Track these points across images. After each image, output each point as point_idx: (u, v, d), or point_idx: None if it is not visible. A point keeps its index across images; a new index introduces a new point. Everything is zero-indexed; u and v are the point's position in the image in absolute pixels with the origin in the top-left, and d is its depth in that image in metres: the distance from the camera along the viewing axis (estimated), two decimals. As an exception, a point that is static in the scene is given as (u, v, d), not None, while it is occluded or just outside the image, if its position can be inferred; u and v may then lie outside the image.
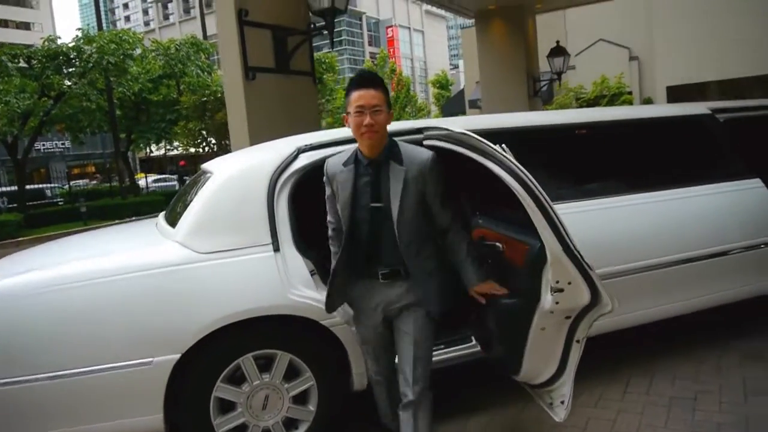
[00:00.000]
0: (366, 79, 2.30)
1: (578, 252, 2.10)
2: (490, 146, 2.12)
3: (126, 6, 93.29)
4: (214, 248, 2.71)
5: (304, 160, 2.95)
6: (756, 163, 3.92)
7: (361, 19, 77.27)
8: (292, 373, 2.80)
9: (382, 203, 2.29)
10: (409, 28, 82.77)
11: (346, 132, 3.14)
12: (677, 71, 22.30)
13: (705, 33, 20.80)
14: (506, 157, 2.09)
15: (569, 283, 2.16)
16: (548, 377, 2.50)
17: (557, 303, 2.21)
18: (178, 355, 2.56)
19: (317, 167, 2.94)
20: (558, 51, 12.48)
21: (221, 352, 2.67)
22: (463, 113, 24.87)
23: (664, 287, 3.45)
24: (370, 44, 76.41)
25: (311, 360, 2.79)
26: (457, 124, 2.86)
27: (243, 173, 2.97)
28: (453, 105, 28.61)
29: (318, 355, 2.82)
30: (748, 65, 20.41)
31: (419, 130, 2.93)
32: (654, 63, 23.54)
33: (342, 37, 71.66)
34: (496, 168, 2.15)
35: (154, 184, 28.54)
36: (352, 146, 2.41)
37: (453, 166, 2.69)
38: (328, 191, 2.43)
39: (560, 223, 2.08)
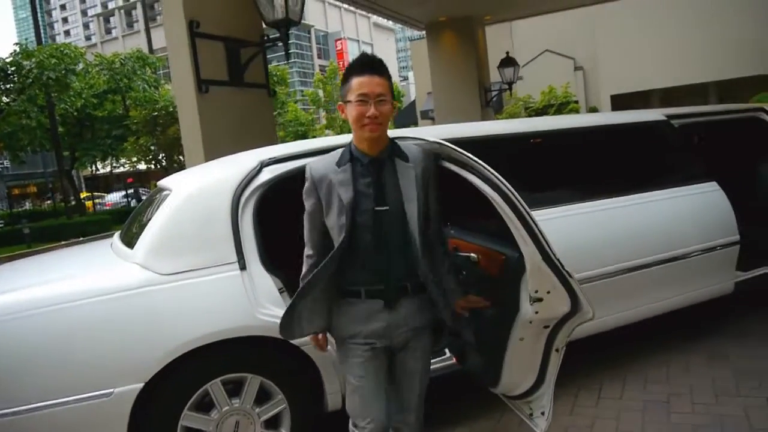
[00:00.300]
0: (369, 63, 1.99)
1: (558, 260, 2.07)
2: (467, 156, 2.07)
3: (65, 20, 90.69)
4: (176, 269, 2.57)
5: (267, 174, 2.84)
6: (711, 167, 4.03)
7: (309, 32, 77.17)
8: (263, 397, 2.67)
9: (389, 206, 1.98)
10: (358, 40, 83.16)
11: (310, 144, 3.07)
12: (620, 80, 23.10)
13: (646, 44, 21.64)
14: (484, 167, 2.05)
15: (548, 292, 2.12)
16: (527, 388, 2.46)
17: (537, 312, 2.17)
18: (141, 384, 2.41)
19: (282, 181, 2.86)
20: (508, 61, 12.68)
21: (188, 378, 2.53)
22: (416, 124, 25.04)
23: (625, 293, 3.47)
24: (319, 57, 76.35)
25: (283, 382, 2.68)
26: (424, 133, 2.82)
27: (204, 189, 2.84)
28: (405, 116, 28.77)
29: (290, 377, 2.71)
30: (686, 74, 21.32)
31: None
32: (598, 73, 24.30)
33: (291, 50, 71.23)
34: (473, 178, 2.10)
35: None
36: (336, 150, 2.10)
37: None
38: (311, 201, 2.04)
39: (540, 232, 2.05)
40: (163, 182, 3.31)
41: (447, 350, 3.02)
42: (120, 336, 2.42)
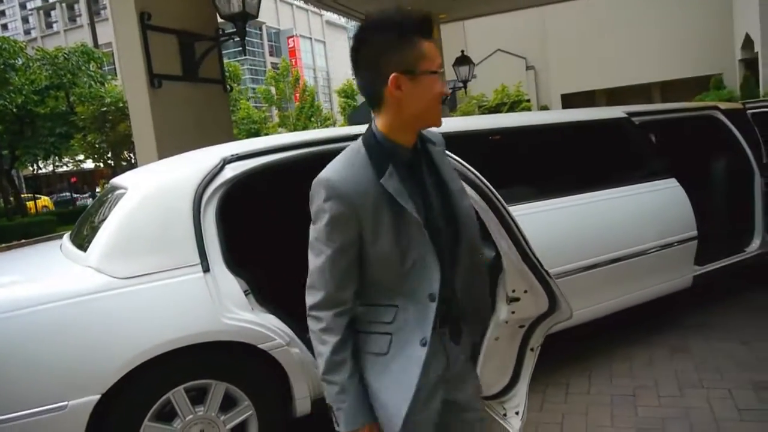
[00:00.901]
0: (432, 25, 1.42)
1: (536, 259, 2.03)
2: (443, 151, 2.01)
3: (2, 14, 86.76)
4: (134, 272, 2.42)
5: (230, 171, 2.72)
6: (670, 163, 4.11)
7: (261, 29, 76.07)
8: (228, 404, 2.55)
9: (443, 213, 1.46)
10: (311, 38, 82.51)
11: (274, 140, 2.95)
12: (570, 80, 23.68)
13: (594, 45, 22.23)
14: (459, 162, 1.99)
15: (525, 292, 2.08)
16: (501, 388, 2.42)
17: (513, 312, 2.13)
18: (97, 396, 2.25)
19: (246, 178, 2.74)
20: (463, 60, 12.79)
21: (148, 387, 2.39)
22: (369, 121, 24.94)
23: (586, 290, 3.49)
24: (271, 54, 75.29)
25: (249, 387, 2.56)
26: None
27: (164, 188, 2.69)
28: (359, 114, 28.59)
29: (256, 382, 2.59)
30: (631, 75, 22.01)
31: (356, 137, 2.78)
32: (549, 72, 24.83)
33: (245, 49, 70.00)
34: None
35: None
36: (352, 147, 1.45)
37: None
38: (349, 232, 1.35)
39: (518, 230, 2.00)
40: (116, 180, 3.14)
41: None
42: (74, 345, 2.26)
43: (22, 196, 24.19)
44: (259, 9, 5.71)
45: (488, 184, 2.00)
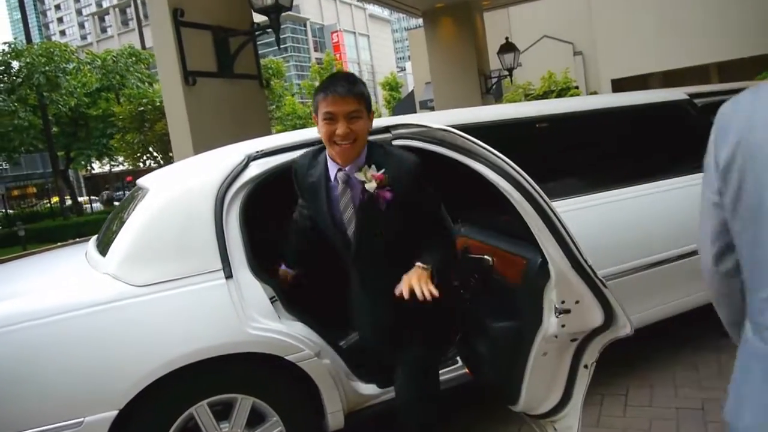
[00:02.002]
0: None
1: (590, 266, 1.76)
2: (477, 144, 1.77)
3: (60, 20, 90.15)
4: (153, 279, 2.27)
5: (255, 168, 2.55)
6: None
7: (305, 25, 76.65)
8: (255, 419, 2.38)
9: None
10: (354, 32, 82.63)
11: (301, 135, 2.77)
12: (620, 64, 22.74)
13: (644, 26, 21.27)
14: (498, 157, 1.74)
15: (577, 302, 1.82)
16: (552, 407, 2.17)
17: (563, 326, 1.87)
18: (115, 412, 2.11)
19: (272, 176, 2.57)
20: (508, 47, 12.34)
21: (169, 402, 2.24)
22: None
23: (647, 291, 3.17)
24: (315, 50, 75.83)
25: (277, 402, 2.38)
26: (428, 119, 2.52)
27: (184, 188, 2.54)
28: (403, 107, 28.40)
29: (285, 396, 2.42)
30: (686, 56, 20.96)
31: (386, 129, 2.57)
32: (597, 57, 23.93)
33: (287, 44, 70.71)
34: (484, 169, 1.79)
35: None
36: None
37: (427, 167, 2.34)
38: None
39: (567, 233, 1.74)
40: (142, 181, 3.01)
41: (459, 359, 2.74)
42: (89, 358, 2.12)
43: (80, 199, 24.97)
44: (293, 1, 5.54)
45: (530, 180, 1.74)
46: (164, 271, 2.30)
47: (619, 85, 22.86)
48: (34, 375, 2.07)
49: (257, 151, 2.60)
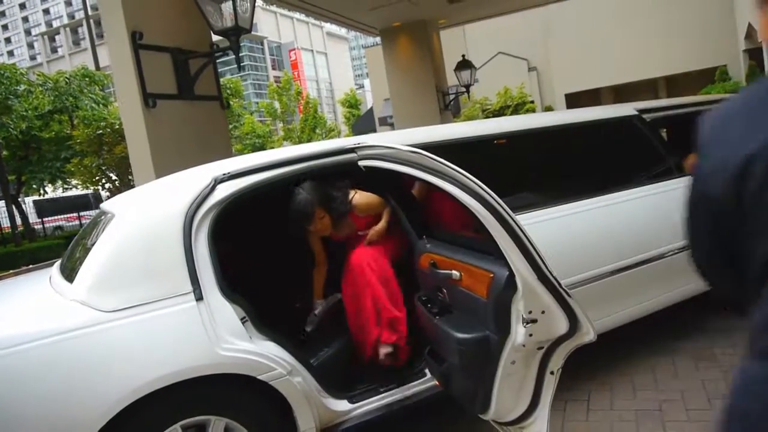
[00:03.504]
0: None
1: (554, 277, 1.86)
2: (445, 164, 1.85)
3: (8, 40, 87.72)
4: (122, 305, 2.27)
5: (223, 191, 2.58)
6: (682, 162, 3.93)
7: (262, 44, 76.49)
8: (228, 440, 2.39)
9: None
10: (312, 50, 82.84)
11: (269, 156, 2.81)
12: (573, 79, 23.46)
13: (596, 42, 22.03)
14: (465, 176, 1.83)
15: (543, 312, 1.91)
16: (520, 413, 2.25)
17: (531, 335, 1.96)
18: (86, 440, 2.10)
19: (239, 198, 2.60)
20: (465, 64, 12.63)
21: (142, 426, 2.23)
22: (374, 131, 24.89)
23: (603, 298, 3.31)
24: (273, 68, 75.71)
25: (251, 422, 2.40)
26: (390, 139, 2.61)
27: (151, 212, 2.54)
28: (363, 123, 28.57)
29: (258, 416, 2.43)
30: (636, 71, 21.78)
31: (351, 150, 2.64)
32: (551, 73, 24.63)
33: (244, 62, 70.34)
34: (453, 189, 1.87)
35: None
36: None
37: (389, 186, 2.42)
38: None
39: (533, 247, 1.83)
40: (106, 205, 3.00)
41: (427, 372, 2.80)
42: (59, 386, 2.10)
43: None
44: (252, 22, 5.58)
45: (494, 195, 1.83)
46: (134, 295, 2.30)
47: (573, 99, 23.55)
48: (4, 404, 2.04)
49: (224, 174, 2.63)
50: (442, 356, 2.48)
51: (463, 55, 12.85)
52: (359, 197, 3.10)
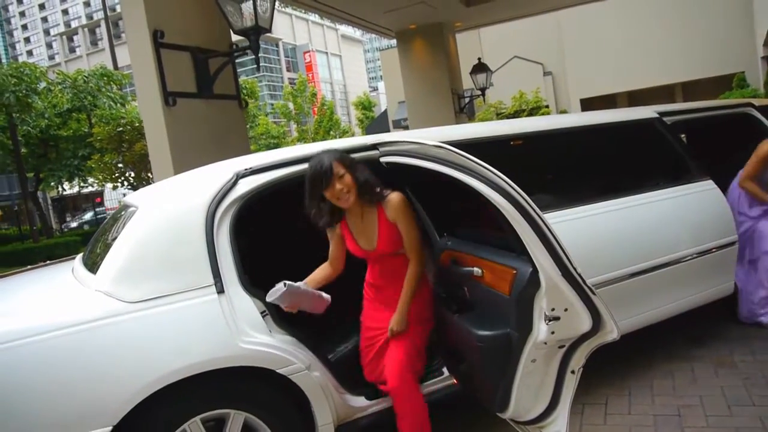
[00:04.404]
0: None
1: (579, 274, 1.85)
2: (472, 160, 1.85)
3: (28, 40, 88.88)
4: (144, 296, 2.30)
5: (244, 186, 2.60)
6: (705, 164, 3.90)
7: (277, 46, 76.85)
8: (247, 434, 2.41)
9: None
10: (327, 52, 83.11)
11: (288, 153, 2.83)
12: (589, 84, 23.35)
13: (612, 47, 21.92)
14: (490, 170, 1.83)
15: (566, 310, 1.90)
16: (540, 412, 2.24)
17: (553, 333, 1.95)
18: (108, 429, 2.12)
19: (261, 192, 2.62)
20: (480, 67, 12.61)
21: (162, 417, 2.25)
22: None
23: (622, 302, 3.27)
24: (288, 70, 76.00)
25: (269, 416, 2.41)
26: (420, 136, 2.61)
27: (175, 205, 2.57)
28: (377, 126, 28.61)
29: (277, 410, 2.44)
30: (652, 77, 21.63)
31: (373, 146, 2.65)
32: (567, 77, 24.53)
33: (260, 64, 70.65)
34: (478, 184, 1.87)
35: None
36: None
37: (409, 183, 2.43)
38: None
39: (558, 243, 1.83)
40: (128, 198, 3.04)
41: (445, 370, 2.80)
42: (82, 375, 2.13)
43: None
44: (272, 22, 5.61)
45: (521, 191, 1.83)
46: (156, 287, 2.32)
47: (588, 104, 23.43)
48: (27, 393, 2.07)
49: (246, 169, 2.66)
50: (460, 354, 2.48)
51: (479, 58, 12.83)
52: (396, 194, 2.58)
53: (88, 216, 32.09)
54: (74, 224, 30.41)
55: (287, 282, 2.43)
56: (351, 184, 2.45)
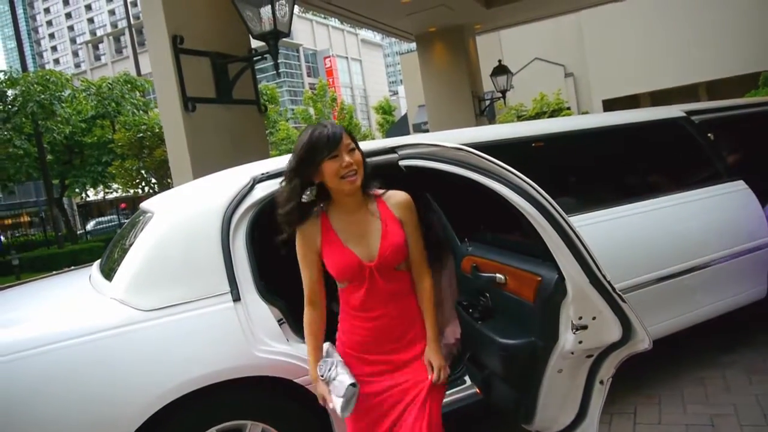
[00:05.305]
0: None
1: (608, 281, 1.76)
2: (494, 162, 1.78)
3: (54, 48, 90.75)
4: (160, 304, 2.26)
5: (261, 191, 2.55)
6: (736, 165, 3.77)
7: (298, 51, 77.36)
8: (264, 445, 2.36)
9: None
10: (347, 57, 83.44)
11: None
12: (610, 85, 23.08)
13: (634, 47, 21.64)
14: (515, 175, 1.75)
15: (594, 318, 1.81)
16: (566, 424, 2.15)
17: (580, 342, 1.86)
18: (122, 440, 2.09)
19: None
20: (501, 70, 12.49)
21: (177, 428, 2.21)
22: (409, 137, 24.82)
23: (653, 305, 3.17)
24: (308, 75, 76.44)
25: (287, 427, 2.36)
26: (441, 139, 2.54)
27: (190, 211, 2.54)
28: (397, 130, 28.63)
29: (294, 421, 2.39)
30: (675, 76, 21.29)
31: (392, 150, 2.59)
32: (588, 78, 24.27)
33: (280, 70, 71.18)
34: (501, 187, 1.80)
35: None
36: None
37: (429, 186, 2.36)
38: None
39: (586, 249, 1.74)
40: (146, 204, 3.01)
41: (467, 379, 2.72)
42: (96, 384, 2.10)
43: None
44: (291, 26, 5.59)
45: (546, 195, 1.75)
46: (172, 295, 2.29)
47: (610, 105, 23.15)
48: (43, 401, 2.04)
49: (262, 174, 2.61)
50: (483, 363, 2.40)
51: (500, 61, 12.72)
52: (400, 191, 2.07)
53: (105, 218, 32.91)
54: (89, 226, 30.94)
55: (353, 382, 1.89)
56: (360, 162, 1.91)
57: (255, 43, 5.91)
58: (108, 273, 2.62)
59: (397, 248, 1.93)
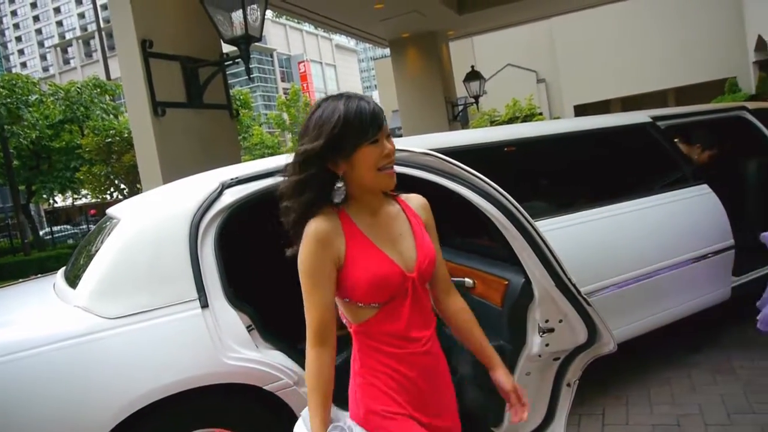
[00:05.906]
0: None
1: (573, 285, 1.79)
2: (461, 167, 1.79)
3: (21, 52, 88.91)
4: (125, 311, 2.22)
5: (230, 196, 2.52)
6: (700, 169, 3.86)
7: (272, 56, 77.07)
8: (233, 453, 2.33)
9: None
10: (321, 62, 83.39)
11: (276, 161, 2.76)
12: (582, 91, 23.49)
13: (605, 54, 22.06)
14: (482, 180, 1.77)
15: (560, 321, 1.84)
16: (535, 427, 2.17)
17: (547, 345, 1.88)
18: (87, 451, 2.04)
19: (247, 203, 2.55)
20: (474, 75, 12.62)
21: (144, 438, 2.17)
22: (383, 142, 24.88)
23: (620, 308, 3.22)
24: (282, 80, 76.18)
25: (257, 434, 2.33)
26: (399, 144, 2.55)
27: (157, 216, 2.50)
28: (372, 135, 28.60)
29: (263, 428, 2.36)
30: (645, 82, 21.76)
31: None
32: (560, 84, 24.66)
33: (254, 74, 70.82)
34: (468, 192, 1.81)
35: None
36: None
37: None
38: None
39: (551, 253, 1.76)
40: (112, 210, 2.96)
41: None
42: (60, 395, 2.05)
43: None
44: (263, 31, 5.57)
45: (511, 199, 1.77)
46: (138, 302, 2.25)
47: (582, 110, 23.55)
48: (3, 413, 1.99)
49: (231, 179, 2.58)
50: (453, 367, 2.40)
51: (473, 66, 12.84)
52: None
53: (69, 225, 32.34)
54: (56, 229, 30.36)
55: None
56: (393, 149, 1.52)
57: (227, 48, 5.87)
58: (73, 280, 2.57)
59: (431, 254, 1.54)
